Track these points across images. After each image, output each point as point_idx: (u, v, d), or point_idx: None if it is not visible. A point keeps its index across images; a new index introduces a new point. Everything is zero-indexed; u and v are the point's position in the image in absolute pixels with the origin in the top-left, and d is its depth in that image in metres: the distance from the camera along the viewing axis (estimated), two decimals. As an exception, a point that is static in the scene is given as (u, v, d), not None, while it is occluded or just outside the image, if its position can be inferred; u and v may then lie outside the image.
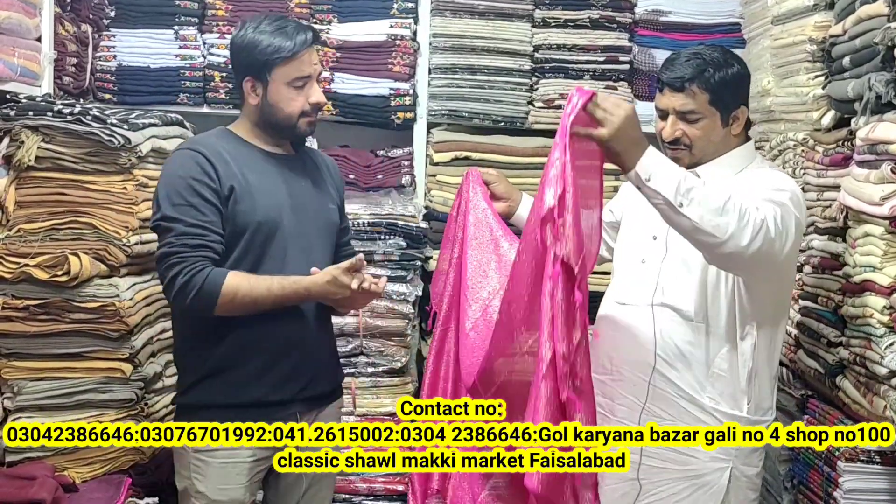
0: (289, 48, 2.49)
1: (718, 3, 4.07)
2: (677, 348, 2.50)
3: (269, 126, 2.58)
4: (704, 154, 2.52)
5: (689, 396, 2.49)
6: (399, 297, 3.71)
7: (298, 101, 2.54)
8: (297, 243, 2.55)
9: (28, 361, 2.98)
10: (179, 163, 2.49)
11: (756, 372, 2.51)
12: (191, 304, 2.40)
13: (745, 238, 2.17)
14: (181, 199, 2.42)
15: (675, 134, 2.50)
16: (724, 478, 2.47)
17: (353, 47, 3.95)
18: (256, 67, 2.51)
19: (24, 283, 2.92)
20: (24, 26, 3.12)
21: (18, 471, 2.86)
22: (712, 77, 2.45)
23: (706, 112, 2.47)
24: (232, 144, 2.56)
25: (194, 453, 2.50)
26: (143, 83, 3.90)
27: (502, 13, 3.99)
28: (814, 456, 2.83)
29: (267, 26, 2.52)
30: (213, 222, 2.44)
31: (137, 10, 3.92)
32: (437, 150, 3.94)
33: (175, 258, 2.39)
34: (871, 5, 2.57)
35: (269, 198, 2.52)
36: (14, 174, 3.02)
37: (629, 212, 2.74)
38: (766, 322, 2.51)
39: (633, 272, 2.62)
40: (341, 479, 3.64)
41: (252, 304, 2.42)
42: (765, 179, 2.46)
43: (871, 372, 2.50)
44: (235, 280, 2.39)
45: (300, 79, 2.52)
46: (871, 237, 2.52)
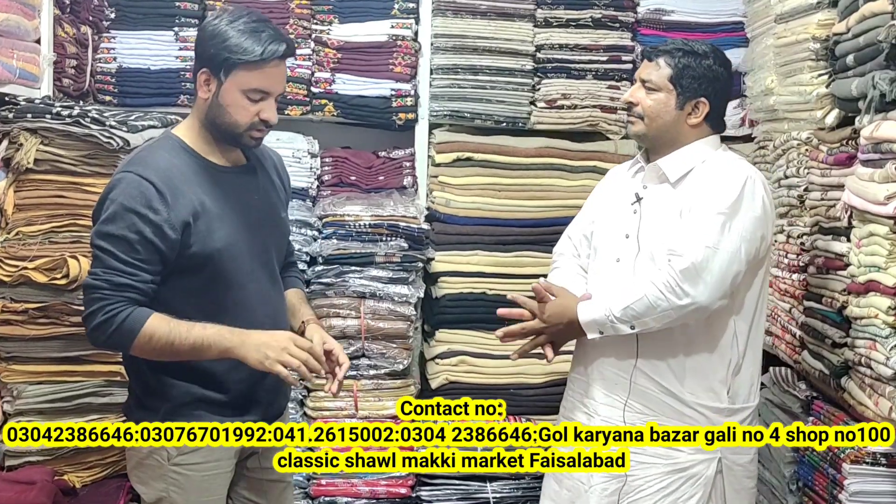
0: (256, 54, 2.28)
1: (721, 2, 4.04)
2: (656, 345, 2.53)
3: (213, 127, 2.38)
4: (653, 131, 2.62)
5: (669, 391, 2.53)
6: (401, 298, 3.70)
7: (249, 112, 2.33)
8: (258, 260, 2.45)
9: (27, 365, 2.99)
10: (125, 190, 2.26)
11: (735, 363, 2.55)
12: (107, 342, 2.28)
13: (686, 300, 2.41)
14: (117, 231, 2.24)
15: (631, 97, 2.65)
16: (710, 468, 2.52)
17: (354, 48, 3.93)
18: (217, 62, 2.30)
19: (23, 287, 2.92)
20: (24, 28, 3.10)
21: (18, 475, 2.86)
22: (681, 58, 2.58)
23: (664, 87, 2.59)
24: (185, 162, 2.36)
25: (172, 466, 2.39)
26: (144, 85, 3.88)
27: (504, 13, 3.96)
28: (819, 458, 2.81)
29: (242, 24, 2.31)
30: (145, 260, 2.25)
31: (137, 12, 3.90)
32: (438, 151, 3.92)
33: (97, 293, 2.24)
34: (874, 3, 2.55)
35: (228, 223, 2.37)
36: (13, 177, 3.02)
37: (601, 213, 2.78)
38: (744, 315, 2.56)
39: (608, 271, 2.66)
40: (343, 482, 3.64)
41: (169, 348, 2.25)
42: (714, 188, 2.51)
43: (876, 373, 2.48)
44: (155, 323, 2.24)
45: (259, 91, 2.32)
46: (876, 237, 2.50)
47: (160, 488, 2.41)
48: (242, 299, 2.41)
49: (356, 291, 3.70)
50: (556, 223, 3.92)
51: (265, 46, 2.29)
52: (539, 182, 3.92)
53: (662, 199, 2.58)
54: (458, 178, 3.89)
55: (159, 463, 2.39)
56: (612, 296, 2.51)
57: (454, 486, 3.69)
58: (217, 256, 2.34)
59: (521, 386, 3.80)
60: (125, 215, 2.25)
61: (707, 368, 2.53)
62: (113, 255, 2.24)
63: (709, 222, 2.45)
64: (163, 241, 2.26)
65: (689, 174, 2.57)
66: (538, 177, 3.93)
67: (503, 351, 3.80)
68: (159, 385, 2.38)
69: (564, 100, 3.97)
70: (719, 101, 2.63)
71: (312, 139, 3.94)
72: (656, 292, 2.43)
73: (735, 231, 2.45)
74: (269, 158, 2.64)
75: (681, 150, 2.60)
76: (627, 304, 2.45)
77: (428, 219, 3.88)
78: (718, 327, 2.53)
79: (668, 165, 2.59)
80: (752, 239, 2.47)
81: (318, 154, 3.93)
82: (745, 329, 2.56)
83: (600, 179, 3.92)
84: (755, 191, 2.49)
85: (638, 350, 2.54)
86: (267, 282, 2.48)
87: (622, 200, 2.68)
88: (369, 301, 3.70)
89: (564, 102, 3.97)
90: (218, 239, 2.34)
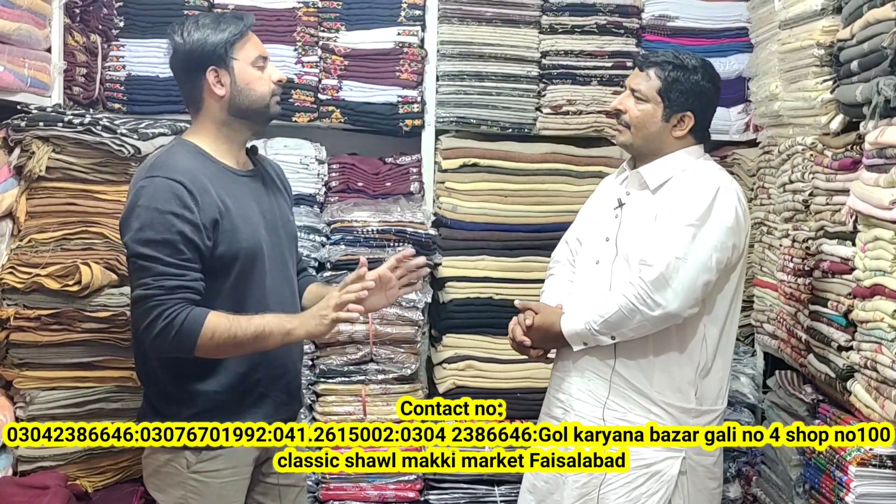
0: (238, 27, 2.42)
1: (725, 8, 4.07)
2: (631, 346, 2.60)
3: (242, 113, 2.44)
4: (638, 141, 2.69)
5: (639, 390, 2.62)
6: (409, 303, 3.71)
7: (264, 80, 2.45)
8: (275, 262, 2.49)
9: (40, 371, 3.00)
10: (156, 194, 2.28)
11: (703, 366, 2.62)
12: (170, 348, 2.28)
13: (658, 311, 2.50)
14: (158, 236, 2.26)
15: (619, 105, 2.71)
16: (674, 467, 2.60)
17: (360, 55, 3.95)
18: (217, 55, 2.39)
19: (36, 293, 2.94)
20: (34, 37, 3.13)
21: (31, 480, 2.87)
22: (671, 71, 2.64)
23: (652, 98, 2.65)
24: (203, 164, 2.40)
25: (191, 473, 2.41)
26: (153, 92, 3.89)
27: (510, 20, 3.98)
28: (825, 461, 2.83)
29: (204, 20, 2.44)
30: (191, 259, 2.29)
31: (146, 20, 3.91)
32: (445, 157, 3.94)
33: (153, 301, 2.25)
34: (878, 9, 2.57)
35: (249, 223, 2.42)
36: (25, 185, 3.04)
37: (589, 218, 2.86)
38: (714, 319, 2.63)
39: (589, 273, 2.74)
40: (352, 486, 3.66)
41: (232, 341, 2.29)
42: (686, 199, 2.57)
43: (882, 376, 2.50)
44: (215, 320, 2.27)
45: (260, 58, 2.45)
46: (881, 241, 2.52)
47: (178, 495, 2.42)
48: (261, 299, 2.44)
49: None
50: (562, 228, 3.88)
51: (236, 23, 2.44)
52: (545, 187, 3.95)
53: (642, 205, 2.66)
54: (465, 183, 3.91)
55: (178, 470, 2.41)
56: (590, 309, 2.60)
57: (462, 490, 3.71)
58: (241, 256, 2.38)
59: (528, 390, 3.81)
60: (163, 218, 2.27)
61: (675, 369, 2.62)
62: (159, 261, 2.26)
63: (678, 233, 2.53)
64: (201, 239, 2.31)
65: (668, 182, 2.64)
66: (544, 182, 3.95)
67: (510, 355, 3.81)
68: (178, 391, 2.40)
69: (570, 105, 3.99)
70: (705, 115, 2.71)
71: (320, 146, 3.96)
72: (629, 304, 2.52)
73: (704, 241, 2.52)
74: (271, 166, 2.70)
75: (662, 158, 2.67)
76: (604, 317, 2.56)
77: (435, 224, 3.90)
78: (689, 330, 2.61)
79: (649, 173, 2.67)
80: (722, 248, 2.54)
81: (325, 160, 3.96)
82: (716, 333, 2.63)
83: (605, 185, 4.00)
84: (726, 201, 2.56)
85: (615, 351, 2.62)
86: (283, 282, 2.53)
87: (607, 205, 2.77)
88: (377, 306, 3.72)
89: (570, 108, 3.99)
90: (243, 239, 2.38)
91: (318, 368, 3.70)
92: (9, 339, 2.95)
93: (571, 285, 2.83)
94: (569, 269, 2.88)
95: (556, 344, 2.72)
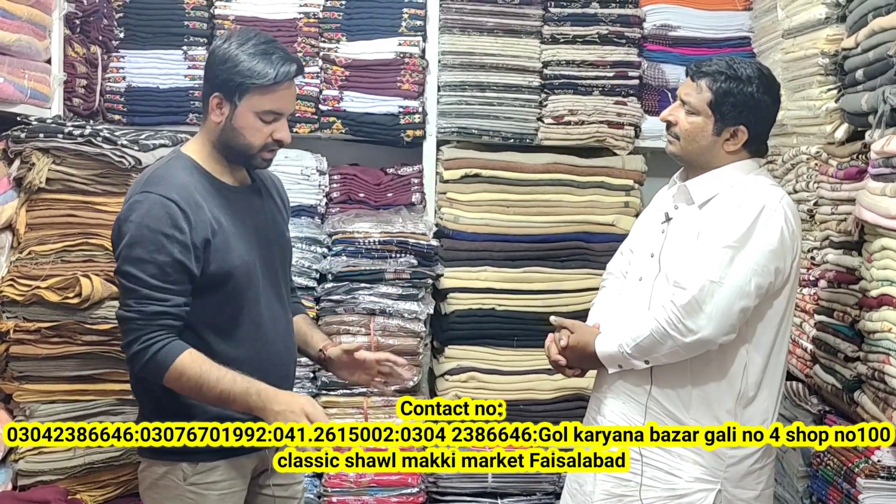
0: (269, 77, 2.29)
1: (728, 18, 4.06)
2: (668, 371, 2.48)
3: (226, 150, 2.39)
4: (688, 153, 2.55)
5: (674, 416, 2.49)
6: (411, 315, 3.70)
7: (263, 133, 2.35)
8: (268, 279, 2.47)
9: (40, 384, 2.99)
10: (149, 211, 2.25)
11: (744, 394, 2.47)
12: (141, 372, 2.28)
13: (690, 337, 2.38)
14: (147, 255, 2.23)
15: (669, 116, 2.57)
16: (708, 499, 2.45)
17: (361, 66, 3.95)
18: (229, 87, 2.31)
19: (36, 306, 2.93)
20: (34, 48, 3.12)
21: (31, 494, 2.86)
22: (723, 83, 2.47)
23: (703, 111, 2.50)
24: (199, 180, 2.36)
25: (189, 486, 2.38)
26: (153, 104, 3.89)
27: (511, 30, 3.98)
28: (833, 472, 2.80)
29: (251, 47, 2.32)
30: (176, 282, 2.25)
31: (146, 31, 3.92)
32: (447, 168, 3.93)
33: (133, 324, 2.24)
34: (883, 17, 2.56)
35: (242, 241, 2.38)
36: (25, 196, 3.03)
37: (640, 230, 2.76)
38: (758, 346, 2.47)
39: (632, 290, 2.64)
40: (354, 500, 3.63)
41: (196, 390, 2.25)
42: (727, 218, 2.43)
43: (890, 387, 2.48)
44: (188, 362, 2.23)
45: (272, 113, 2.34)
46: (888, 251, 2.51)
47: None
48: (255, 317, 2.42)
49: (366, 308, 3.70)
50: (565, 238, 3.95)
51: (277, 69, 2.30)
52: (547, 198, 3.94)
53: (688, 221, 2.53)
54: (467, 194, 3.90)
55: (175, 483, 2.39)
56: (624, 331, 2.50)
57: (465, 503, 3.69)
58: (234, 274, 2.35)
59: (530, 402, 3.80)
60: (153, 238, 2.24)
61: (714, 397, 2.47)
62: (142, 283, 2.24)
63: (715, 255, 2.39)
64: (190, 260, 2.27)
65: (715, 198, 2.49)
66: (546, 192, 3.94)
67: (512, 367, 3.81)
68: (172, 403, 2.37)
69: (571, 116, 3.98)
70: (760, 128, 2.54)
71: (321, 156, 3.95)
72: (660, 329, 2.41)
73: (743, 264, 2.38)
74: (270, 179, 2.66)
75: (711, 172, 2.52)
76: (637, 340, 2.45)
77: (437, 235, 3.89)
78: (729, 357, 2.46)
79: (696, 188, 2.53)
80: (763, 272, 2.38)
81: (326, 171, 3.95)
82: (760, 362, 2.47)
83: (608, 194, 3.98)
84: (771, 221, 2.40)
85: (652, 376, 2.50)
86: (276, 300, 2.50)
87: (656, 219, 2.65)
88: (379, 318, 3.71)
89: (571, 118, 3.98)
90: (235, 257, 2.35)
91: (319, 381, 3.69)
92: (8, 352, 2.94)
93: (619, 298, 2.72)
94: (620, 283, 2.75)
95: (591, 365, 2.61)
